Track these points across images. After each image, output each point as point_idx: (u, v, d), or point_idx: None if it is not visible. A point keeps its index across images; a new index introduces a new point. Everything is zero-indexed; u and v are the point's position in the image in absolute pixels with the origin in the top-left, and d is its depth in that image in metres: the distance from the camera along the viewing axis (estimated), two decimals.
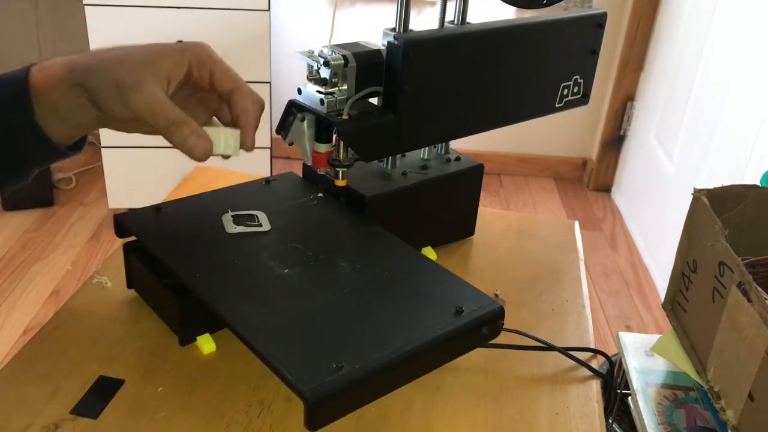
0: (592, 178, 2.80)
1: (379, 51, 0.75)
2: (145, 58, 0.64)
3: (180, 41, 0.67)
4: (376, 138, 0.76)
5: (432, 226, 0.88)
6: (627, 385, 0.95)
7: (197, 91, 0.69)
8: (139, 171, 2.28)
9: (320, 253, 0.71)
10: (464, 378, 0.70)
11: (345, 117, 0.73)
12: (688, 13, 2.23)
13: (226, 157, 0.68)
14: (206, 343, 0.70)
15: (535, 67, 0.86)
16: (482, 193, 0.91)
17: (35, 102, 0.63)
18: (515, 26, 0.82)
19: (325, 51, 0.73)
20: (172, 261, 0.68)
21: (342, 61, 0.72)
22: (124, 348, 0.69)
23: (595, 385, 0.71)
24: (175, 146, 0.65)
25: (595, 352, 0.75)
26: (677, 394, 0.90)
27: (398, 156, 0.85)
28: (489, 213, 0.99)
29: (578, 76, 0.91)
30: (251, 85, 0.69)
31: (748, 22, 1.82)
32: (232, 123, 0.69)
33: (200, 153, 0.65)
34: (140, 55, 0.64)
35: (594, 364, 0.74)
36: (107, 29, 2.04)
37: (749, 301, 0.71)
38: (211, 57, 0.67)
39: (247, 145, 0.68)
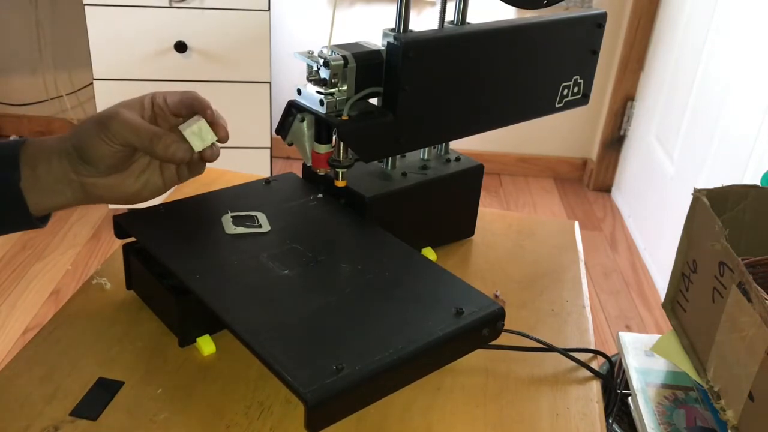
0: (592, 178, 2.80)
1: (378, 51, 0.75)
2: (116, 104, 0.72)
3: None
4: (376, 138, 0.76)
5: (432, 226, 0.88)
6: (627, 385, 0.95)
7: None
8: None
9: (320, 254, 0.71)
10: (464, 379, 0.70)
11: (345, 117, 0.73)
12: (688, 13, 2.23)
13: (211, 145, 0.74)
14: (206, 345, 0.70)
15: (535, 67, 0.86)
16: (482, 193, 0.91)
17: (23, 170, 0.68)
18: (515, 26, 0.81)
19: (325, 51, 0.73)
20: (172, 262, 0.68)
21: (342, 62, 0.72)
22: (124, 349, 0.69)
23: (596, 386, 0.71)
24: (159, 158, 0.71)
25: (595, 353, 0.75)
26: (677, 394, 0.90)
27: (398, 156, 0.85)
28: (489, 213, 0.99)
29: (578, 76, 0.91)
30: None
31: (748, 22, 1.82)
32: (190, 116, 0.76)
33: (183, 155, 0.71)
34: (112, 106, 0.72)
35: (594, 364, 0.74)
36: (107, 29, 2.04)
37: (749, 301, 0.71)
38: (159, 91, 0.75)
39: (221, 131, 0.74)
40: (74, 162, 0.69)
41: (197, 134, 0.72)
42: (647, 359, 0.96)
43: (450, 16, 0.82)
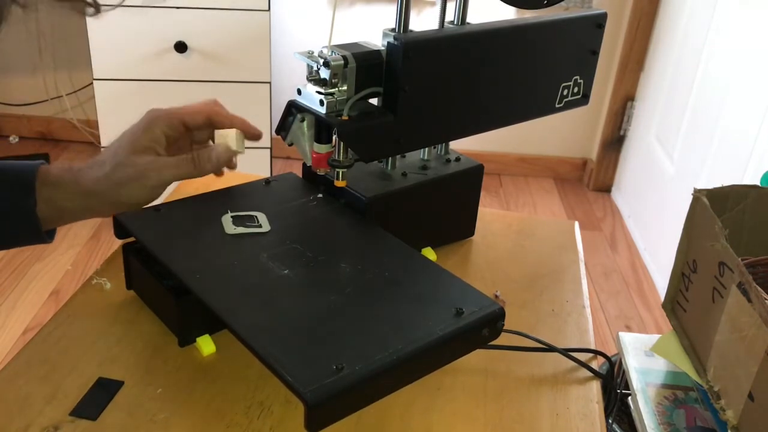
0: (592, 178, 2.80)
1: (378, 51, 0.75)
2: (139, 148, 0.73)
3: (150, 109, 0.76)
4: (376, 138, 0.76)
5: (432, 226, 0.88)
6: (627, 385, 0.95)
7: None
8: None
9: (320, 254, 0.71)
10: (464, 379, 0.70)
11: (345, 118, 0.73)
12: (688, 13, 2.23)
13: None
14: (206, 345, 0.70)
15: (535, 67, 0.86)
16: (482, 193, 0.91)
17: (40, 192, 0.71)
18: (515, 26, 0.81)
19: (325, 51, 0.73)
20: (172, 262, 0.68)
21: (342, 62, 0.72)
22: (124, 349, 0.69)
23: (596, 386, 0.71)
24: (209, 173, 0.77)
25: (595, 353, 0.75)
26: (677, 394, 0.90)
27: (398, 156, 0.85)
28: (489, 213, 0.99)
29: (578, 76, 0.91)
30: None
31: (748, 22, 1.82)
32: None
33: (226, 159, 0.77)
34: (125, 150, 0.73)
35: (594, 364, 0.74)
36: (107, 29, 2.04)
37: (749, 301, 0.71)
38: (169, 116, 0.76)
39: (255, 134, 0.79)
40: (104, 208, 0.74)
41: (238, 138, 0.77)
42: (647, 359, 0.96)
43: (450, 16, 0.82)
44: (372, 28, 1.08)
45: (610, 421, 1.06)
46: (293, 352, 0.58)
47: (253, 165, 2.18)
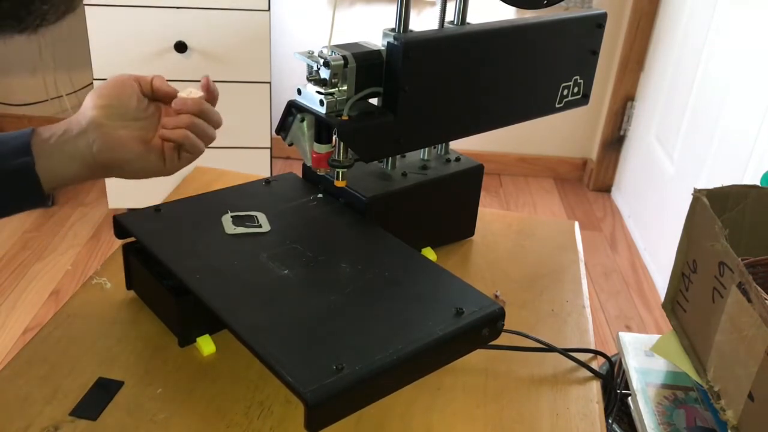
0: (592, 178, 2.80)
1: (378, 51, 0.75)
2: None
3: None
4: (376, 138, 0.76)
5: (432, 226, 0.88)
6: (627, 385, 0.94)
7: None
8: None
9: (320, 254, 0.71)
10: (464, 379, 0.70)
11: (345, 117, 0.73)
12: (688, 13, 2.23)
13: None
14: (206, 345, 0.70)
15: (535, 67, 0.86)
16: (482, 193, 0.91)
17: (35, 153, 0.69)
18: (515, 26, 0.81)
19: (325, 51, 0.73)
20: (172, 262, 0.68)
21: (342, 62, 0.72)
22: (124, 349, 0.69)
23: (596, 386, 0.71)
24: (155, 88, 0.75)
25: (595, 353, 0.75)
26: (677, 394, 0.90)
27: (398, 156, 0.85)
28: (489, 213, 0.99)
29: (578, 77, 0.91)
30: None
31: (748, 22, 1.82)
32: None
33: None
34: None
35: (594, 364, 0.74)
36: (107, 29, 2.04)
37: (749, 301, 0.71)
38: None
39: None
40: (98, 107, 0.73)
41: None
42: (647, 359, 0.96)
43: (450, 16, 0.82)
44: (372, 28, 1.08)
45: (610, 421, 1.06)
46: (293, 352, 0.58)
47: (253, 165, 2.18)
